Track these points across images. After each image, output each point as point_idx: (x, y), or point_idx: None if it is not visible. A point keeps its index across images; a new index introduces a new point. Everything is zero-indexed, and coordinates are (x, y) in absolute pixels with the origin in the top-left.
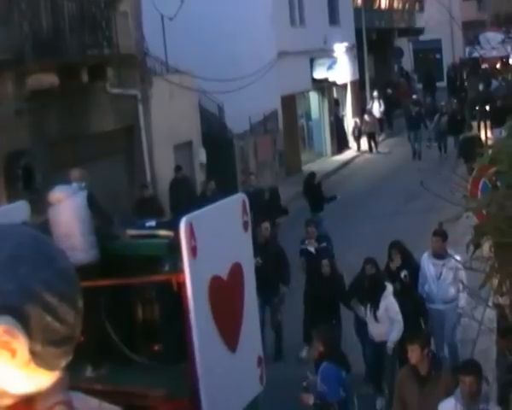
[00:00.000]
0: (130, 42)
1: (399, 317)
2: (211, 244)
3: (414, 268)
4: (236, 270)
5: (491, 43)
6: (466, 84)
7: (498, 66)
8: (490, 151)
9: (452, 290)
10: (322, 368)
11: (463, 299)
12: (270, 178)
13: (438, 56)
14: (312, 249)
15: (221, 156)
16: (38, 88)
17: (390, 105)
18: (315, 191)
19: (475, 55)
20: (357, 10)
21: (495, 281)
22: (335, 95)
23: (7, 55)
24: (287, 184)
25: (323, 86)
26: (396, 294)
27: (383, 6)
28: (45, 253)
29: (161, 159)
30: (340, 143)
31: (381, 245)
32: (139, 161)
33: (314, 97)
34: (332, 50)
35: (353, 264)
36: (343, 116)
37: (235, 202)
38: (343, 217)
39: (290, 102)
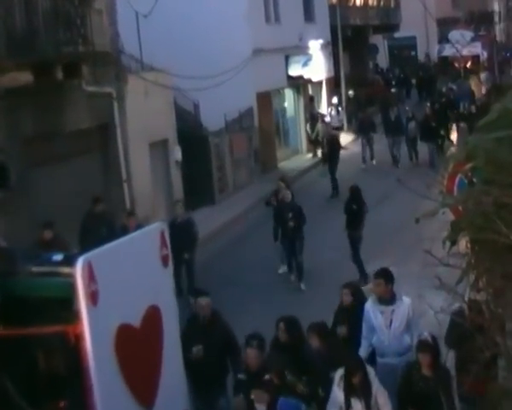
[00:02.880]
0: (105, 39)
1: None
2: (118, 286)
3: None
4: (153, 314)
5: (460, 41)
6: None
7: (469, 65)
8: (466, 147)
9: (407, 339)
10: (279, 406)
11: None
12: (245, 175)
13: (413, 53)
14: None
15: (196, 154)
16: (13, 86)
17: (355, 106)
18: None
19: (445, 53)
20: (332, 7)
21: (471, 277)
22: (311, 92)
23: None
24: (262, 181)
25: (299, 83)
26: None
27: (358, 3)
28: None
29: (137, 157)
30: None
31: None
32: (114, 160)
33: (289, 94)
34: (307, 47)
35: (327, 259)
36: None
37: (151, 234)
38: (316, 215)
39: (265, 100)
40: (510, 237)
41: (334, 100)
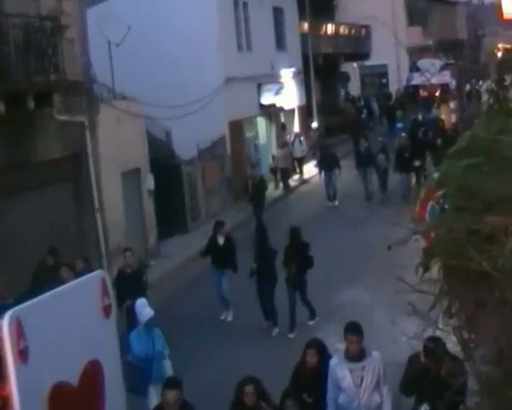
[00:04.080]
0: (77, 68)
1: None
2: (51, 342)
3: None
4: (93, 370)
5: (431, 70)
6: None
7: (438, 93)
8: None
9: (377, 397)
10: None
11: (388, 404)
12: (218, 203)
13: (384, 81)
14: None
15: (169, 183)
16: None
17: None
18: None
19: (414, 82)
20: (303, 36)
21: (444, 303)
22: (283, 120)
23: None
24: (235, 209)
25: (271, 112)
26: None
27: (329, 32)
28: None
29: (109, 186)
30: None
31: (327, 269)
32: (87, 189)
33: (262, 123)
34: (279, 76)
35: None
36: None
37: (90, 283)
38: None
39: (238, 128)
40: (482, 263)
41: (314, 124)
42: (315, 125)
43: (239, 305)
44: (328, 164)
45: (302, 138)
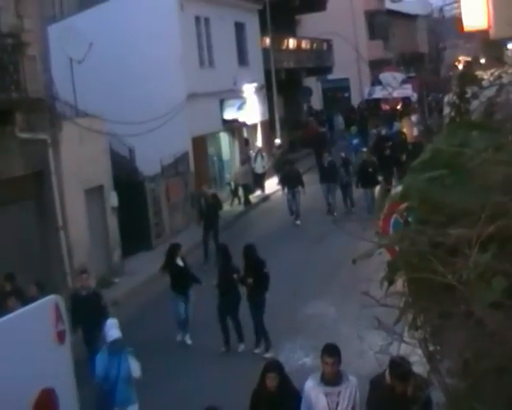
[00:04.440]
0: (39, 86)
1: None
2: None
3: None
4: (47, 399)
5: (392, 83)
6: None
7: (400, 107)
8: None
9: None
10: None
11: None
12: (182, 219)
13: (346, 95)
14: None
15: (133, 199)
16: None
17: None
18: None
19: (375, 96)
20: (265, 51)
21: (409, 316)
22: (246, 135)
23: None
24: (199, 225)
25: (234, 127)
26: None
27: (291, 46)
28: None
29: (72, 204)
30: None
31: (293, 284)
32: (50, 207)
33: (225, 138)
34: (241, 91)
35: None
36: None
37: (43, 309)
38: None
39: (201, 144)
40: (446, 275)
41: (277, 141)
42: (278, 141)
43: (199, 326)
44: (291, 181)
45: (264, 154)
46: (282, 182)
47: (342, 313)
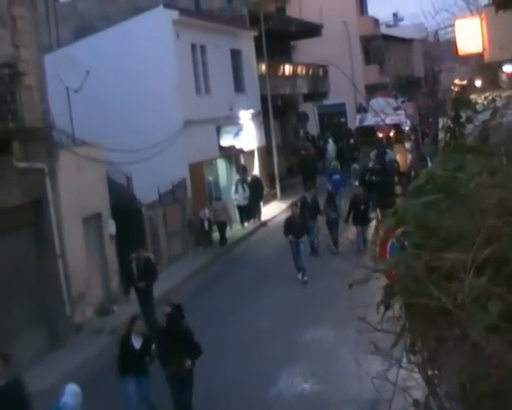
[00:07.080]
0: (36, 115)
1: None
2: None
3: None
4: None
5: (385, 109)
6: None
7: (392, 134)
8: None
9: None
10: None
11: None
12: (180, 246)
13: (342, 120)
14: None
15: (130, 227)
16: None
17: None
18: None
19: (367, 123)
20: (261, 77)
21: (407, 341)
22: (243, 161)
23: None
24: (197, 252)
25: (231, 153)
26: None
27: (287, 72)
28: None
29: (70, 232)
30: None
31: (290, 311)
32: (48, 235)
33: (222, 165)
34: (238, 117)
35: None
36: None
37: None
38: (255, 282)
39: (198, 170)
40: (442, 300)
41: (238, 177)
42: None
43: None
44: (295, 229)
45: (245, 185)
46: (285, 229)
47: (340, 338)
